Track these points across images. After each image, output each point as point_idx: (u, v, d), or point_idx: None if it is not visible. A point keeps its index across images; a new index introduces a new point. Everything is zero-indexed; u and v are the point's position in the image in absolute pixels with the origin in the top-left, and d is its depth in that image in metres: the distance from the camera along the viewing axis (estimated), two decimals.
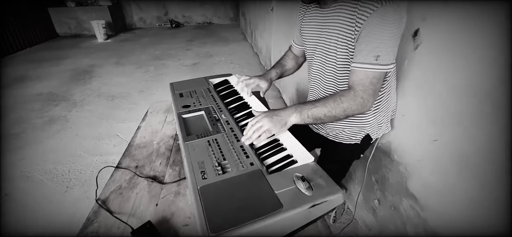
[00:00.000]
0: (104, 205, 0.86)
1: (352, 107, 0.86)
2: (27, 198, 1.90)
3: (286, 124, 0.88)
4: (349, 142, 1.14)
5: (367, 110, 0.89)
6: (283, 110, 0.89)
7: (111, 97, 3.32)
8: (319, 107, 0.87)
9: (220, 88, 1.36)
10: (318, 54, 1.04)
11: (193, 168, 0.77)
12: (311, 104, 0.88)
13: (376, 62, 0.82)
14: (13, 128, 2.73)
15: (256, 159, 0.80)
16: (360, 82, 0.85)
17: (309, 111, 0.87)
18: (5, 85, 3.80)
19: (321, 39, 1.01)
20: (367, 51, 0.82)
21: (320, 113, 0.87)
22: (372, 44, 0.81)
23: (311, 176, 0.73)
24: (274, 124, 0.86)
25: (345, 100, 0.86)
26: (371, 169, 1.48)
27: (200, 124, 1.03)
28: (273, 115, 0.88)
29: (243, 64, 4.31)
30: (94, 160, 2.23)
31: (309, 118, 0.88)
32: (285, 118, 0.88)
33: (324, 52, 1.01)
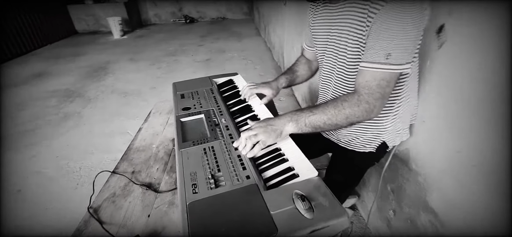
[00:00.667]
0: (95, 214, 0.82)
1: (356, 114, 0.76)
2: (39, 195, 1.94)
3: (281, 134, 0.80)
4: (363, 150, 1.03)
5: (374, 116, 0.78)
6: (278, 119, 0.81)
7: (124, 94, 3.35)
8: (318, 115, 0.78)
9: (223, 88, 1.29)
10: (329, 54, 0.95)
11: (184, 181, 0.71)
12: (309, 111, 0.80)
13: (386, 61, 0.71)
14: (28, 124, 2.81)
15: (254, 172, 0.72)
16: (366, 85, 0.75)
17: (307, 119, 0.78)
18: (24, 81, 3.94)
19: (332, 37, 0.91)
20: (376, 48, 0.72)
21: (319, 121, 0.78)
22: (382, 41, 0.71)
23: (313, 195, 0.65)
24: (268, 134, 0.78)
25: (348, 106, 0.76)
26: (387, 177, 1.36)
27: (198, 128, 0.97)
28: (267, 124, 0.80)
29: (255, 60, 4.23)
30: (104, 158, 2.24)
31: (307, 127, 0.79)
32: (280, 127, 0.80)
33: (335, 51, 0.91)
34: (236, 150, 0.81)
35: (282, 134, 0.80)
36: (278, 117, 0.82)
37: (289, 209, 0.61)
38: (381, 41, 0.71)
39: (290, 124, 0.79)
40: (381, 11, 0.69)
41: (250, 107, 1.09)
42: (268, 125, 0.79)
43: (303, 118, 0.79)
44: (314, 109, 0.79)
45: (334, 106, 0.77)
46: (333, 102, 0.79)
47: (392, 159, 1.22)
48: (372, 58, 0.73)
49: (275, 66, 3.93)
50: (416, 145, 1.12)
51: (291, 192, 0.65)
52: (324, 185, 0.68)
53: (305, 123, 0.79)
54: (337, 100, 0.79)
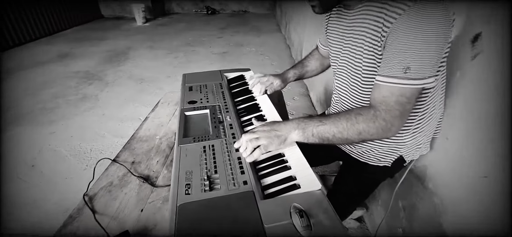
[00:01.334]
0: (90, 202, 0.81)
1: (370, 131, 0.69)
2: (50, 171, 1.99)
3: (285, 141, 0.74)
4: (377, 164, 0.96)
5: (391, 135, 0.71)
6: (284, 124, 0.75)
7: (140, 80, 3.39)
8: (328, 125, 0.71)
9: (233, 84, 1.25)
10: (343, 62, 0.88)
11: (178, 179, 0.67)
12: (318, 120, 0.73)
13: (404, 75, 0.63)
14: (49, 102, 2.91)
15: (253, 177, 0.67)
16: (383, 100, 0.68)
17: (315, 129, 0.72)
18: (50, 60, 4.09)
19: (346, 45, 0.84)
20: (393, 61, 0.64)
21: (327, 133, 0.71)
22: (400, 53, 0.63)
23: (313, 210, 0.59)
24: (271, 140, 0.72)
25: (362, 121, 0.69)
26: (399, 193, 1.27)
27: (202, 124, 0.93)
28: (271, 129, 0.74)
29: (273, 57, 4.15)
30: (115, 142, 2.27)
31: (314, 137, 0.72)
32: (284, 134, 0.74)
33: (349, 60, 0.84)
34: (237, 151, 0.76)
35: (286, 142, 0.74)
36: (284, 123, 0.76)
37: (284, 224, 0.55)
38: (398, 52, 0.63)
39: (296, 131, 0.73)
40: (399, 20, 0.62)
41: (257, 105, 1.04)
42: (272, 130, 0.74)
43: (310, 127, 0.72)
44: (324, 119, 0.72)
45: (347, 119, 0.70)
46: (346, 114, 0.71)
47: (407, 175, 1.13)
48: (389, 71, 0.65)
49: (293, 63, 3.83)
50: (435, 163, 1.02)
51: (290, 204, 0.60)
52: (327, 201, 0.62)
53: (312, 132, 0.72)
54: (350, 112, 0.71)
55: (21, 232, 1.56)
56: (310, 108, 2.78)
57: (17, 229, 1.58)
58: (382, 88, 0.68)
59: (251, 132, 0.75)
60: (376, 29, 0.69)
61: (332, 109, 1.05)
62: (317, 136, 0.72)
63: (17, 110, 2.79)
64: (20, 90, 3.21)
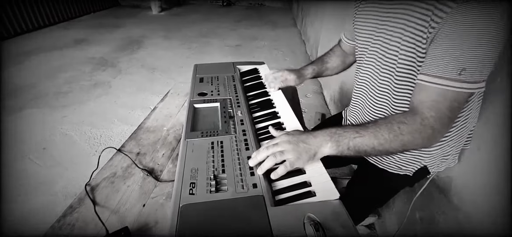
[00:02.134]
0: (91, 192, 0.77)
1: (416, 141, 0.60)
2: (60, 155, 2.01)
3: (315, 155, 0.64)
4: (397, 172, 0.88)
5: (432, 145, 0.63)
6: (312, 136, 0.64)
7: (152, 70, 3.38)
8: (367, 137, 0.61)
9: (246, 77, 1.19)
10: (371, 57, 0.80)
11: (183, 177, 0.62)
12: (354, 130, 0.63)
13: (459, 77, 0.55)
14: (64, 86, 2.94)
15: (263, 180, 0.61)
16: (433, 106, 0.59)
17: (351, 142, 0.62)
18: (66, 45, 4.15)
19: (378, 38, 0.75)
20: (446, 60, 0.56)
21: (366, 145, 0.61)
22: (455, 51, 0.54)
23: (330, 223, 0.52)
24: (299, 154, 0.62)
25: (407, 131, 0.60)
26: (417, 203, 1.18)
27: (211, 118, 0.87)
28: (299, 140, 0.64)
29: (287, 52, 4.06)
30: (124, 129, 2.26)
31: (350, 151, 0.62)
32: (314, 147, 0.63)
33: (379, 55, 0.75)
34: (247, 149, 0.70)
35: (316, 157, 0.64)
36: (313, 134, 0.65)
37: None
38: (452, 51, 0.54)
39: (328, 145, 0.63)
40: (453, 13, 0.53)
41: (271, 101, 0.97)
42: (300, 142, 0.63)
43: (346, 139, 0.62)
44: (361, 130, 0.62)
45: (389, 129, 0.60)
46: (386, 124, 0.62)
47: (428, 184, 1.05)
48: (441, 71, 0.56)
49: (307, 60, 3.74)
50: (462, 175, 0.93)
51: (303, 214, 0.54)
52: (346, 213, 0.55)
53: (348, 146, 0.62)
54: (391, 121, 0.62)
55: (27, 214, 1.57)
56: (323, 107, 2.69)
57: (24, 210, 1.59)
58: (431, 90, 0.58)
59: (274, 145, 0.65)
60: (422, 22, 0.60)
61: (352, 108, 0.97)
62: (354, 150, 0.62)
63: (34, 91, 2.84)
64: (38, 72, 3.26)
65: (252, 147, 0.71)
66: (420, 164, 0.85)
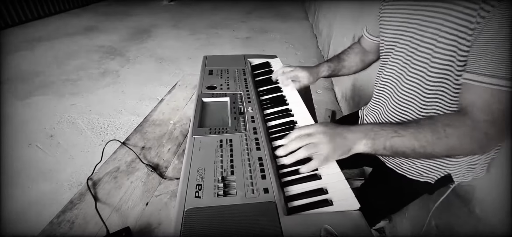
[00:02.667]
0: (93, 187, 0.74)
1: (464, 147, 0.53)
2: (67, 143, 2.00)
3: (349, 151, 0.59)
4: (417, 178, 0.82)
5: (488, 152, 0.56)
6: (348, 130, 0.59)
7: (161, 60, 3.35)
8: (406, 138, 0.55)
9: (257, 71, 1.13)
10: (399, 53, 0.73)
11: (189, 177, 0.57)
12: (392, 129, 0.57)
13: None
14: (72, 74, 2.94)
15: (275, 184, 0.56)
16: (487, 109, 0.51)
17: (388, 141, 0.56)
18: (76, 32, 4.15)
19: (408, 33, 0.68)
20: (500, 58, 0.49)
21: (405, 147, 0.55)
22: (510, 45, 0.47)
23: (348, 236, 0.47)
24: (334, 148, 0.57)
25: (455, 135, 0.53)
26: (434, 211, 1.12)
27: (220, 114, 0.82)
28: (335, 133, 0.58)
29: (298, 45, 3.96)
30: (131, 120, 2.24)
31: (386, 150, 0.57)
32: (350, 142, 0.58)
33: (409, 51, 0.69)
34: (259, 150, 0.65)
35: (349, 153, 0.59)
36: (348, 128, 0.60)
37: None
38: (507, 48, 0.48)
39: (363, 141, 0.57)
40: (506, 5, 0.46)
41: (283, 98, 0.92)
42: (336, 135, 0.58)
43: (382, 138, 0.56)
44: (400, 129, 0.56)
45: (432, 131, 0.54)
46: (430, 124, 0.55)
47: None
48: (495, 70, 0.49)
49: (318, 54, 3.64)
50: (487, 184, 0.86)
51: (320, 226, 0.48)
52: (366, 225, 0.50)
53: (384, 145, 0.56)
54: (435, 122, 0.55)
55: (32, 201, 1.57)
56: (334, 104, 2.61)
57: (30, 196, 1.59)
58: (483, 92, 0.51)
59: (307, 135, 0.59)
60: (466, 15, 0.53)
61: (372, 108, 0.90)
62: (390, 150, 0.56)
63: (42, 78, 2.84)
64: (47, 59, 3.27)
65: (264, 147, 0.66)
66: (444, 172, 0.79)
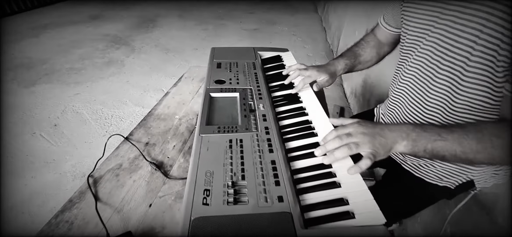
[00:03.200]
0: (94, 186, 0.69)
1: (507, 159, 0.49)
2: (71, 133, 1.97)
3: (389, 151, 0.56)
4: (436, 182, 0.77)
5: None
6: (388, 129, 0.56)
7: (166, 50, 3.29)
8: (449, 143, 0.52)
9: (268, 65, 1.07)
10: (426, 49, 0.66)
11: (196, 181, 0.52)
12: (435, 132, 0.53)
13: None
14: (77, 63, 2.90)
15: (291, 192, 0.51)
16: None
17: (430, 144, 0.53)
18: (81, 21, 4.10)
19: (437, 29, 0.62)
20: None
21: (447, 151, 0.52)
22: None
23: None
24: (376, 148, 0.54)
25: (502, 146, 0.48)
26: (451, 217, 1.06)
27: (229, 110, 0.77)
28: (375, 132, 0.55)
29: (306, 39, 3.87)
30: (136, 111, 2.20)
31: (426, 153, 0.53)
32: (390, 142, 0.55)
33: (441, 48, 0.62)
34: (272, 152, 0.60)
35: (389, 153, 0.56)
36: (388, 127, 0.57)
37: None
38: None
39: (404, 143, 0.54)
40: None
41: (297, 95, 0.86)
42: (376, 134, 0.55)
43: (424, 140, 0.53)
44: (444, 132, 0.53)
45: (478, 139, 0.50)
46: (476, 132, 0.51)
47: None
48: None
49: (327, 49, 3.55)
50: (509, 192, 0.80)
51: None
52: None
53: (425, 148, 0.53)
54: (482, 130, 0.51)
55: (36, 191, 1.55)
56: (342, 100, 2.54)
57: (34, 187, 1.57)
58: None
59: (347, 134, 0.56)
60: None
61: (390, 107, 0.84)
62: (431, 153, 0.53)
63: (47, 66, 2.81)
64: (52, 47, 3.24)
65: (277, 149, 0.61)
66: (466, 177, 0.74)
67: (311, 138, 0.67)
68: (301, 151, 0.63)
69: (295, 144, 0.67)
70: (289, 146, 0.66)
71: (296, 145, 0.66)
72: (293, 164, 0.61)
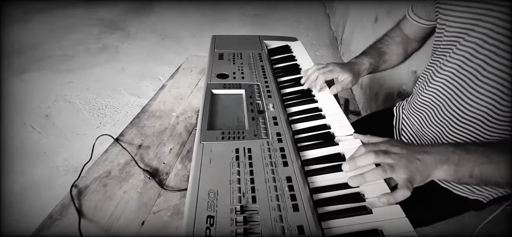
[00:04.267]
0: (78, 198, 0.60)
1: None
2: (63, 124, 1.87)
3: (427, 179, 0.46)
4: (466, 195, 0.68)
5: None
6: (425, 152, 0.46)
7: (163, 36, 3.14)
8: (501, 165, 0.43)
9: (275, 56, 0.96)
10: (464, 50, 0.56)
11: (197, 203, 0.43)
12: (482, 153, 0.44)
13: None
14: (70, 49, 2.76)
15: (312, 219, 0.42)
16: None
17: (477, 168, 0.44)
18: (74, 5, 3.91)
19: (484, 23, 0.52)
20: None
21: (499, 176, 0.43)
22: None
23: None
24: (413, 174, 0.44)
25: None
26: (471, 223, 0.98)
27: (234, 111, 0.67)
28: (413, 156, 0.46)
29: (309, 25, 3.71)
30: (131, 100, 2.09)
31: (472, 179, 0.45)
32: (429, 168, 0.45)
33: (484, 50, 0.52)
34: (286, 166, 0.50)
35: (426, 181, 0.46)
36: (424, 150, 0.47)
37: None
38: None
39: (444, 167, 0.45)
40: None
41: (310, 92, 0.76)
42: (414, 159, 0.45)
43: (469, 164, 0.44)
44: (493, 154, 0.44)
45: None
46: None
47: None
48: None
49: (331, 36, 3.40)
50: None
51: None
52: None
53: (471, 173, 0.44)
54: None
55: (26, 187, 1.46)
56: (347, 91, 2.43)
57: (24, 182, 1.48)
58: None
59: (383, 152, 0.47)
60: None
61: (416, 109, 0.74)
62: (478, 178, 0.44)
63: (38, 52, 2.67)
64: (44, 32, 3.08)
65: (292, 161, 0.51)
66: (505, 191, 0.65)
67: (330, 147, 0.58)
68: (320, 164, 0.54)
69: (312, 154, 0.57)
70: (306, 157, 0.56)
71: (313, 155, 0.57)
72: (312, 180, 0.51)
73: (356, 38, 2.52)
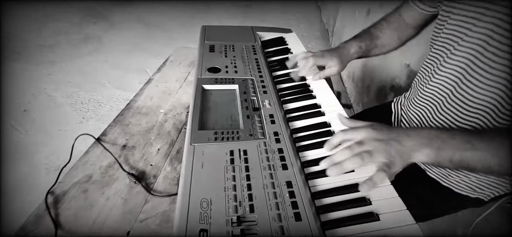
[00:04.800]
0: (54, 207, 0.54)
1: None
2: (44, 119, 1.77)
3: (407, 161, 0.45)
4: (467, 193, 0.66)
5: None
6: (406, 134, 0.45)
7: (149, 26, 3.02)
8: (482, 152, 0.42)
9: (270, 49, 0.91)
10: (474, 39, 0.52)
11: (188, 215, 0.38)
12: (464, 139, 0.43)
13: None
14: (49, 39, 2.61)
15: (316, 229, 0.38)
16: None
17: (458, 154, 0.43)
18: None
19: (491, 12, 0.48)
20: None
21: (479, 161, 0.42)
22: None
23: None
24: (392, 157, 0.43)
25: None
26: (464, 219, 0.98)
27: (228, 108, 0.62)
28: (390, 138, 0.45)
29: (300, 18, 3.65)
30: (116, 94, 2.00)
31: (452, 164, 0.43)
32: (408, 150, 0.44)
33: (493, 41, 0.49)
34: (286, 169, 0.46)
35: (407, 163, 0.45)
36: (405, 132, 0.46)
37: None
38: None
39: (426, 151, 0.44)
40: None
41: (308, 87, 0.72)
42: (392, 141, 0.44)
43: (450, 149, 0.43)
44: (474, 139, 0.43)
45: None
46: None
47: None
48: None
49: (322, 29, 3.37)
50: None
51: None
52: None
53: (451, 158, 0.43)
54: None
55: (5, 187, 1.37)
56: (338, 83, 2.41)
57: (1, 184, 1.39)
58: None
59: (357, 143, 0.45)
60: None
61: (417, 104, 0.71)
62: (458, 164, 0.43)
63: (16, 43, 2.51)
64: (21, 20, 2.89)
65: (292, 164, 0.47)
66: (506, 189, 0.63)
67: None
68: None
69: (312, 155, 0.53)
70: (305, 158, 0.52)
71: (313, 156, 0.53)
72: (313, 184, 0.47)
73: (348, 31, 2.50)
